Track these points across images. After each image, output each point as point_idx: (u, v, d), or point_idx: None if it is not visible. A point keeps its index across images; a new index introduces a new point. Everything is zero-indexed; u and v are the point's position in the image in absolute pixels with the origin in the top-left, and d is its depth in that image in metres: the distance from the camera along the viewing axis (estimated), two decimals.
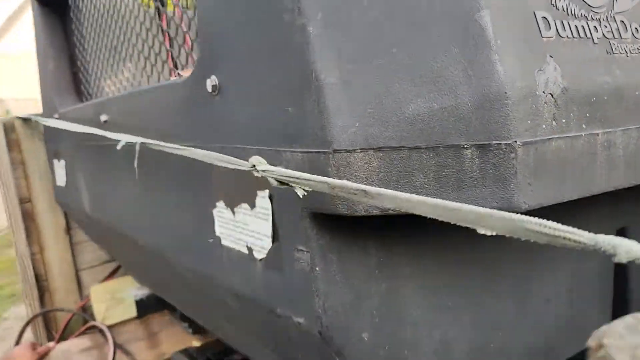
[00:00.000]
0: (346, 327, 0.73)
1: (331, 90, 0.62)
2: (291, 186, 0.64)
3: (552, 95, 0.60)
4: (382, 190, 0.50)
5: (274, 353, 0.96)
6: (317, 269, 0.70)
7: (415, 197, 0.48)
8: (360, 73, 0.63)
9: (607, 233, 0.39)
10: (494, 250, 0.87)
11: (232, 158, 0.70)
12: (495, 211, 0.42)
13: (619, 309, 1.08)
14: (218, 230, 0.94)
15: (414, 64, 0.61)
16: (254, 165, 0.65)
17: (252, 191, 0.81)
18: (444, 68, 0.59)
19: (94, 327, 2.35)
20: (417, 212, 0.48)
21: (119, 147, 1.06)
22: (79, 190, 1.88)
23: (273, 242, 0.78)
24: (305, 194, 0.64)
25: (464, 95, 0.58)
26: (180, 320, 2.23)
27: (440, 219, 0.46)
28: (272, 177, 0.64)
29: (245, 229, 0.85)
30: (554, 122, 0.60)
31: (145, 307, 2.12)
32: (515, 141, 0.56)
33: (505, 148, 0.56)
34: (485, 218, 0.42)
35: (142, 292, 2.14)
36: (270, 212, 0.77)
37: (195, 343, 1.95)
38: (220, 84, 0.86)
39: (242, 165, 0.67)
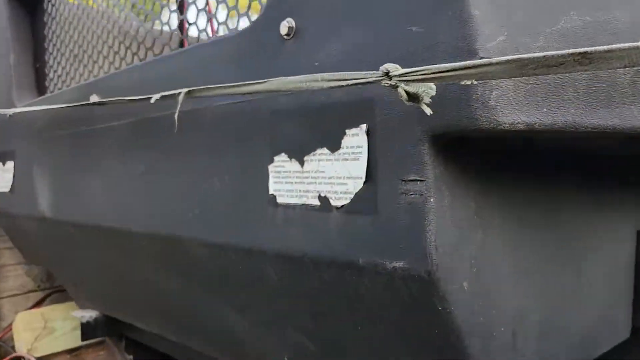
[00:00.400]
0: (452, 270, 0.67)
1: None
2: (421, 102, 0.60)
3: None
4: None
5: (333, 320, 0.86)
6: (431, 200, 0.65)
7: None
8: None
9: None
10: (569, 220, 0.85)
11: (350, 73, 0.64)
12: None
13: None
14: (273, 188, 0.86)
15: None
16: (387, 72, 0.60)
17: (335, 132, 0.75)
18: None
19: (18, 359, 2.05)
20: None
21: (152, 100, 0.97)
22: (35, 191, 1.68)
23: (365, 182, 0.72)
24: (432, 112, 0.60)
25: (618, 11, 0.58)
26: (125, 352, 2.00)
27: None
28: (406, 88, 0.59)
29: (319, 176, 0.78)
30: None
31: (94, 331, 1.86)
32: None
33: None
34: None
35: (89, 314, 1.90)
36: (365, 149, 0.71)
37: None
38: (297, 26, 0.82)
39: (368, 77, 0.62)
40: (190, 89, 0.89)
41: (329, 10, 0.77)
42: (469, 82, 0.55)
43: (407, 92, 0.60)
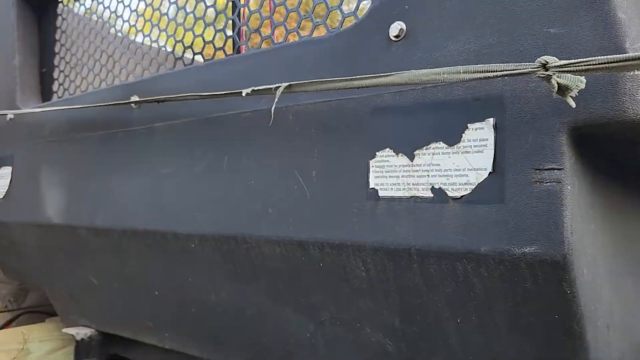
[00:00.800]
0: (580, 255, 0.71)
1: None
2: (567, 96, 0.65)
3: None
4: None
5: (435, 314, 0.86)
6: (568, 187, 0.69)
7: None
8: None
9: None
10: None
11: (495, 65, 0.69)
12: None
13: None
14: (374, 182, 0.87)
15: None
16: (545, 64, 0.65)
17: (454, 126, 0.79)
18: None
19: None
20: None
21: (244, 94, 0.98)
22: (41, 197, 1.61)
23: (490, 173, 0.75)
24: (574, 105, 0.65)
25: None
26: None
27: None
28: (558, 81, 0.64)
29: (433, 169, 0.81)
30: None
31: (88, 349, 1.74)
32: None
33: None
34: None
35: (84, 331, 1.78)
36: (491, 142, 0.75)
37: None
38: (408, 28, 0.86)
39: (520, 68, 0.67)
40: (292, 83, 0.91)
41: (446, 13, 0.82)
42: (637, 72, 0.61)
43: (558, 85, 0.65)
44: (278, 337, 1.15)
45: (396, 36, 0.87)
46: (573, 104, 0.65)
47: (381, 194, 0.87)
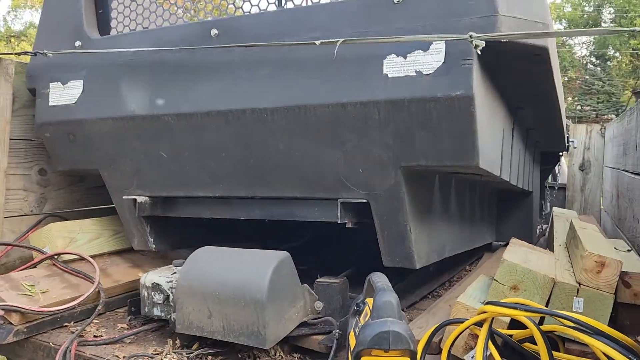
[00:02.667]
0: None
1: None
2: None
3: None
4: None
5: None
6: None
7: None
8: None
9: None
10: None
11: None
12: None
13: None
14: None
15: None
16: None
17: None
18: None
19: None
20: None
21: (318, 43, 1.74)
22: (122, 97, 2.28)
23: None
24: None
25: None
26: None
27: None
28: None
29: None
30: None
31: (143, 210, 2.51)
32: None
33: None
34: None
35: (141, 198, 2.51)
36: None
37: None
38: None
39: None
40: (348, 39, 1.27)
41: None
42: None
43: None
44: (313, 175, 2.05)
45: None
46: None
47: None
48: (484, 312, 1.74)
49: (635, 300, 1.92)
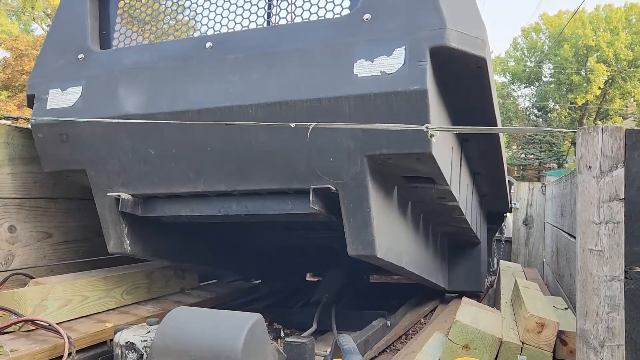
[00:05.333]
0: None
1: None
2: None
3: None
4: None
5: None
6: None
7: None
8: None
9: None
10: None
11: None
12: None
13: None
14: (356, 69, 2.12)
15: None
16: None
17: None
18: None
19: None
20: None
21: None
22: (117, 99, 2.52)
23: None
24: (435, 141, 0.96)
25: None
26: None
27: None
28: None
29: None
30: None
31: (125, 206, 2.70)
32: None
33: None
34: None
35: (124, 195, 2.65)
36: None
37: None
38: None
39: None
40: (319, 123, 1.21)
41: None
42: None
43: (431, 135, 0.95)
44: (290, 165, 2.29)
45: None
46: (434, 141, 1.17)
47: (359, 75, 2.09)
48: None
49: (571, 357, 2.15)
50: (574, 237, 3.06)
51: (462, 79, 2.26)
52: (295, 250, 4.21)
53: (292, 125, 1.96)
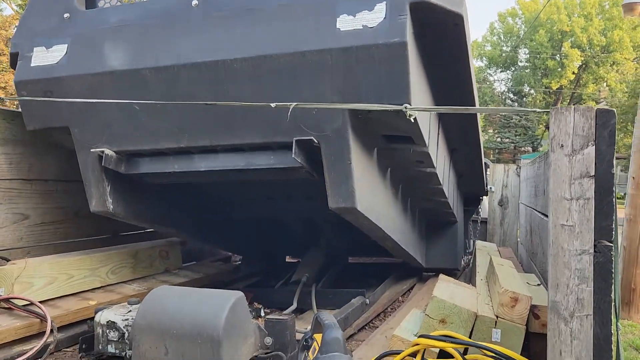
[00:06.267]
0: None
1: None
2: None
3: None
4: None
5: None
6: None
7: None
8: None
9: None
10: None
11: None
12: None
13: None
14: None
15: None
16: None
17: None
18: None
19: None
20: None
21: None
22: (102, 55, 2.54)
23: None
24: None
25: None
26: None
27: None
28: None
29: None
30: None
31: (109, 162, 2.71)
32: None
33: None
34: None
35: (107, 151, 2.65)
36: None
37: None
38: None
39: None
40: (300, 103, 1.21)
41: None
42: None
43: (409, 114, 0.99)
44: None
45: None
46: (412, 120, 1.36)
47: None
48: (417, 345, 1.99)
49: (543, 330, 2.22)
50: (547, 216, 3.15)
51: (440, 38, 2.33)
52: (275, 224, 4.23)
53: (273, 105, 1.97)
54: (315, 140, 2.28)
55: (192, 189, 3.36)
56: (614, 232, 1.56)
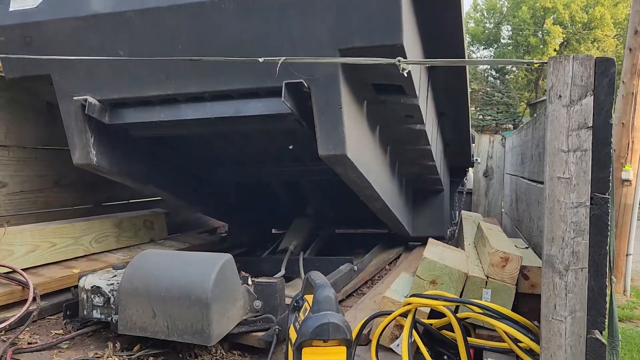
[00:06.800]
0: None
1: None
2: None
3: None
4: None
5: None
6: None
7: None
8: None
9: None
10: None
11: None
12: None
13: None
14: None
15: None
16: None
17: None
18: None
19: None
20: None
21: None
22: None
23: None
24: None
25: None
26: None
27: None
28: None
29: None
30: None
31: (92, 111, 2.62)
32: None
33: None
34: None
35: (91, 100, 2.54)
36: None
37: None
38: None
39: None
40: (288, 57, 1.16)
41: None
42: None
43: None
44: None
45: None
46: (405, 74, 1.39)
47: None
48: (409, 304, 1.97)
49: (532, 290, 2.23)
50: (535, 182, 3.15)
51: None
52: (263, 192, 4.16)
53: (261, 60, 1.90)
54: (305, 84, 2.21)
55: (179, 147, 3.28)
56: (610, 184, 1.54)
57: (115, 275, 2.22)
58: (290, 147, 2.84)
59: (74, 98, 2.56)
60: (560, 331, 1.56)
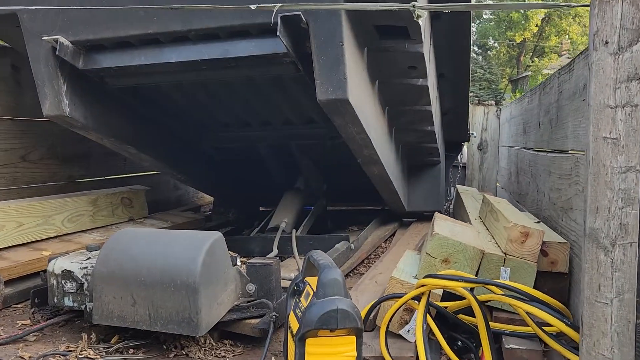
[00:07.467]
0: None
1: None
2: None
3: None
4: None
5: None
6: None
7: None
8: None
9: None
10: None
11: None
12: None
13: None
14: None
15: None
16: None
17: None
18: None
19: None
20: None
21: None
22: None
23: None
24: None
25: None
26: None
27: None
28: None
29: None
30: None
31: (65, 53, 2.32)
32: None
33: None
34: None
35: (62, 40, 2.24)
36: None
37: None
38: None
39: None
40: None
41: None
42: None
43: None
44: None
45: None
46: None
47: None
48: (423, 286, 1.75)
49: (552, 268, 2.04)
50: (544, 152, 2.95)
51: None
52: (251, 163, 3.88)
53: (253, 7, 1.64)
54: (304, 18, 1.95)
55: (162, 103, 2.97)
56: None
57: (89, 258, 1.97)
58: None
59: (44, 38, 2.24)
60: (605, 316, 1.36)
